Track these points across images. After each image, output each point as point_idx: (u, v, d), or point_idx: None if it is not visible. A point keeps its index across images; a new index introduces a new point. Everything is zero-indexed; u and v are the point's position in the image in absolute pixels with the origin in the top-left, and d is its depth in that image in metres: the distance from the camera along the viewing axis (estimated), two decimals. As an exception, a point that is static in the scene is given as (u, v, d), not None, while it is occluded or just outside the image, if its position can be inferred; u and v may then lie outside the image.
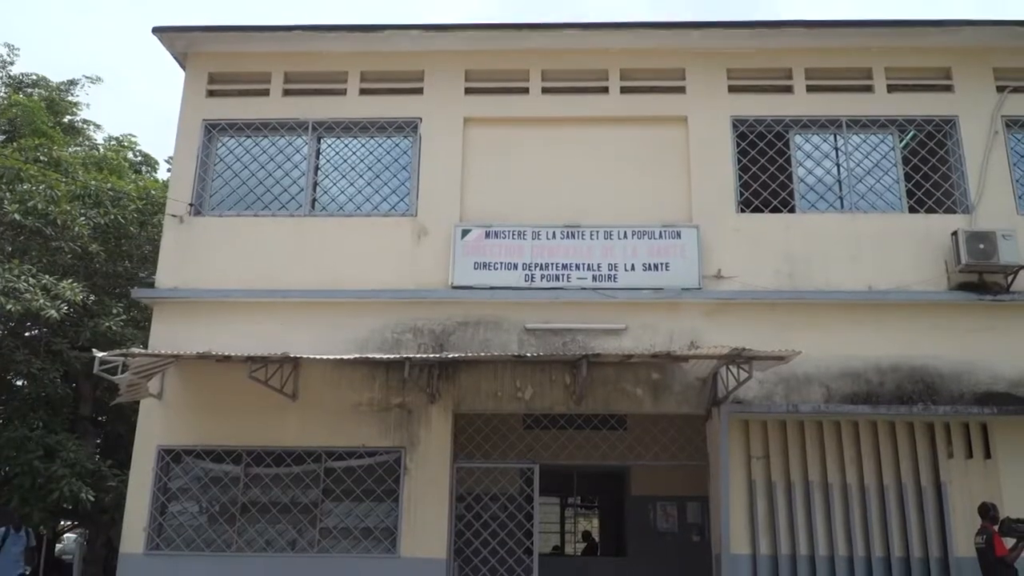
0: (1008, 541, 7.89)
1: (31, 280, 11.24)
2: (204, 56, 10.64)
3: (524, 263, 9.59)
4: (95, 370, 8.11)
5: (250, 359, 8.38)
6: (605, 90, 10.31)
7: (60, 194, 12.61)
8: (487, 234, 9.70)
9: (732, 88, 10.25)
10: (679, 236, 9.61)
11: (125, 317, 13.07)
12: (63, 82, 16.95)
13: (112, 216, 13.45)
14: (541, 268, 9.57)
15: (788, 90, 10.22)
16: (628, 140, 10.13)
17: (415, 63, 10.46)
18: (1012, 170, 9.81)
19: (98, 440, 15.23)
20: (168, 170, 14.40)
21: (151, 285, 10.34)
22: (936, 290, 9.36)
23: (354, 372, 9.38)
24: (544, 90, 10.35)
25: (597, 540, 15.11)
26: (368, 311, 9.51)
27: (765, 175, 10.04)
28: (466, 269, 9.59)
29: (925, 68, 10.25)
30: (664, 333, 9.35)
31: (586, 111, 10.27)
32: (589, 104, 10.30)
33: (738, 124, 10.16)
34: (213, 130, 10.47)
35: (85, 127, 17.12)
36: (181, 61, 10.73)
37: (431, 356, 8.77)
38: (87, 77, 17.12)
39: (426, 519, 9.00)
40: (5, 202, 12.18)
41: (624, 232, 9.65)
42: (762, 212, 9.95)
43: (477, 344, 9.35)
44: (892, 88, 10.18)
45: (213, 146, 10.46)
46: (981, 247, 9.08)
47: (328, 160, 10.47)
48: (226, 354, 8.35)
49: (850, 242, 9.58)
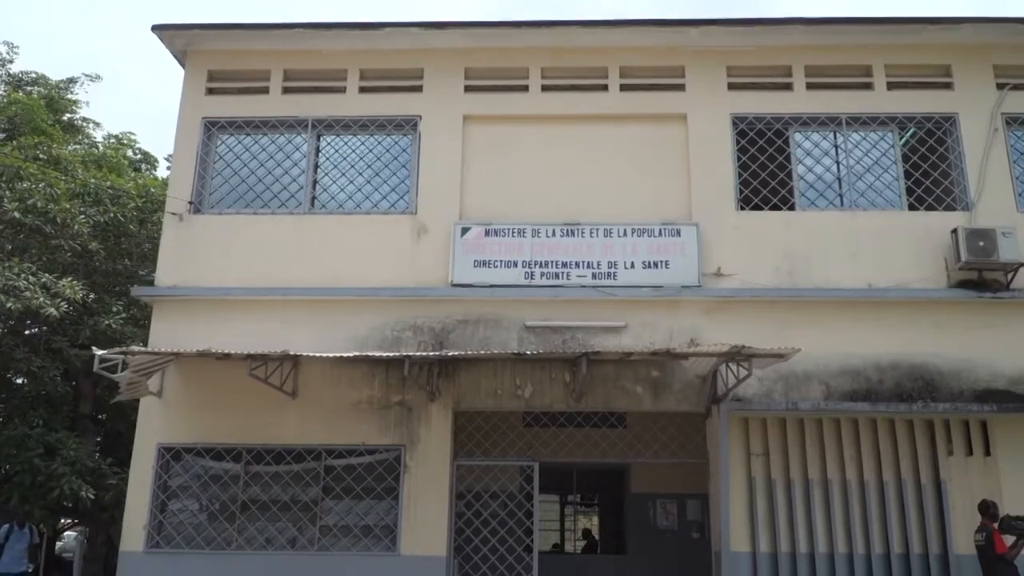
0: (1008, 538, 7.90)
1: (31, 278, 11.25)
2: (203, 54, 10.63)
3: (524, 261, 9.59)
4: (95, 368, 8.09)
5: (250, 357, 8.37)
6: (605, 88, 10.30)
7: (60, 192, 12.63)
8: (487, 232, 9.70)
9: (732, 86, 10.24)
10: (679, 234, 9.60)
11: (125, 315, 13.09)
12: (63, 80, 16.96)
13: (112, 214, 13.45)
14: (541, 266, 9.57)
15: (788, 88, 10.22)
16: (628, 138, 10.12)
17: (415, 61, 10.45)
18: (1012, 167, 9.80)
19: (98, 438, 15.24)
20: (168, 168, 14.43)
21: (151, 283, 10.35)
22: (936, 287, 9.36)
23: (354, 370, 9.38)
24: (544, 88, 10.35)
25: (597, 538, 15.15)
26: (368, 309, 9.51)
27: (765, 173, 10.02)
28: (466, 267, 9.59)
29: (925, 65, 10.23)
30: (664, 331, 9.36)
31: (586, 109, 10.26)
32: (589, 102, 10.29)
33: (738, 122, 10.15)
34: (213, 128, 10.47)
35: (85, 125, 17.13)
36: (180, 59, 10.73)
37: (431, 354, 8.77)
38: (87, 75, 17.21)
39: (426, 517, 9.00)
40: (5, 200, 12.19)
41: (624, 230, 9.65)
42: (762, 210, 9.94)
43: (477, 342, 9.36)
44: (892, 85, 10.17)
45: (213, 144, 10.45)
46: (981, 244, 9.08)
47: (328, 158, 10.46)
48: (226, 352, 8.34)
49: (850, 240, 9.58)
